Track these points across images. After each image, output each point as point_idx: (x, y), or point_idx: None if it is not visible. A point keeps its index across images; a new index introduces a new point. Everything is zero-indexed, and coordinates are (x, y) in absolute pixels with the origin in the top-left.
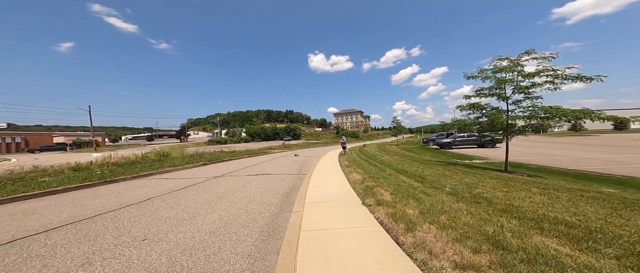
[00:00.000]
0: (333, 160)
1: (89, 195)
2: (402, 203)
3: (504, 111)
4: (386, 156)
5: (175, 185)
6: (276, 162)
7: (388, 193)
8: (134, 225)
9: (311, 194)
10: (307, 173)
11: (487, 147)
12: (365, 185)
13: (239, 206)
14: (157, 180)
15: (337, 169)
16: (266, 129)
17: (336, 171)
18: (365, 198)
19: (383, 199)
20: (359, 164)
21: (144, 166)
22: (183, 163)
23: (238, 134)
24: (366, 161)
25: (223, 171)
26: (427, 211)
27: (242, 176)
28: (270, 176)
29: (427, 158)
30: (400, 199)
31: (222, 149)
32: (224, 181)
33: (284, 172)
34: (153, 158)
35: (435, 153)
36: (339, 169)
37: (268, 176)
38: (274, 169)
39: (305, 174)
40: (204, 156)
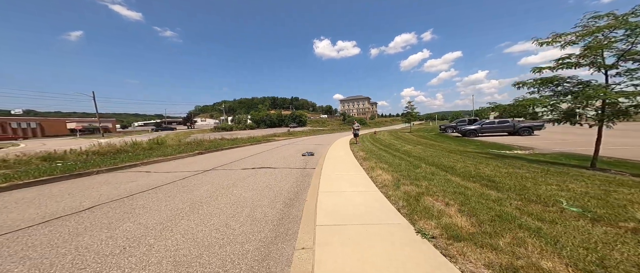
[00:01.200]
0: (344, 150)
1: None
2: (506, 237)
3: (598, 86)
4: (408, 145)
5: (147, 183)
6: (279, 151)
7: (455, 210)
8: None
9: (324, 205)
10: (316, 168)
11: (523, 135)
12: (403, 191)
13: (213, 226)
14: (134, 173)
15: (353, 163)
16: (271, 116)
17: (352, 166)
18: (416, 218)
19: (456, 224)
20: (379, 155)
21: (128, 156)
22: (175, 152)
23: (243, 121)
24: (385, 151)
25: (216, 163)
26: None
27: (236, 170)
28: (270, 171)
29: (454, 146)
30: (492, 225)
31: (223, 136)
32: (211, 177)
33: (287, 165)
34: (144, 147)
35: (459, 141)
36: (354, 163)
37: (267, 171)
38: (276, 161)
39: (313, 168)
40: (203, 144)
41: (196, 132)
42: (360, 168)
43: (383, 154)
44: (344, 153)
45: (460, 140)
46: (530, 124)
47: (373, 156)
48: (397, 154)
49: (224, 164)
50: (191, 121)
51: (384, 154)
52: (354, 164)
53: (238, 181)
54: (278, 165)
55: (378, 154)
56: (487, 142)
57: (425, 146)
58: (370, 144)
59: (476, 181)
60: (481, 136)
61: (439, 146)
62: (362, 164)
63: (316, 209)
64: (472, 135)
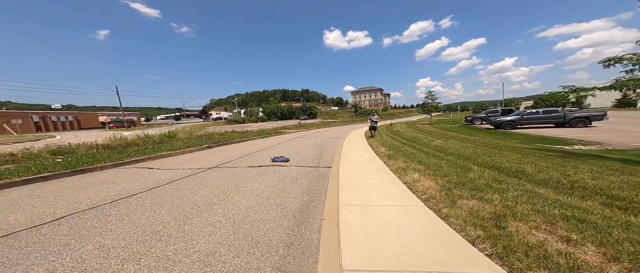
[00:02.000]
0: (361, 144)
1: None
2: None
3: None
4: (437, 140)
5: (143, 184)
6: (289, 146)
7: (594, 252)
8: None
9: (351, 230)
10: (332, 167)
11: (577, 127)
12: (467, 209)
13: (196, 255)
14: (137, 170)
15: (375, 161)
16: (282, 108)
17: (376, 166)
18: (520, 267)
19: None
20: (407, 153)
21: (136, 151)
22: (185, 146)
23: (255, 114)
24: (412, 146)
25: (222, 159)
26: None
27: (241, 168)
28: (278, 170)
29: (493, 140)
30: None
31: (234, 129)
32: (212, 177)
33: (297, 162)
34: (155, 140)
35: (494, 134)
36: (377, 161)
37: (276, 171)
38: (287, 156)
39: (329, 167)
40: (213, 137)
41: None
42: (386, 169)
43: (410, 150)
44: (361, 148)
45: (494, 133)
46: (588, 113)
47: (399, 154)
48: (428, 150)
49: (229, 161)
50: (206, 114)
51: (411, 150)
52: (377, 163)
53: (242, 182)
54: (289, 163)
55: (404, 150)
56: (530, 135)
57: (458, 140)
58: (390, 138)
59: (585, 196)
60: (520, 128)
61: (475, 141)
62: (388, 163)
63: (339, 238)
64: (509, 127)
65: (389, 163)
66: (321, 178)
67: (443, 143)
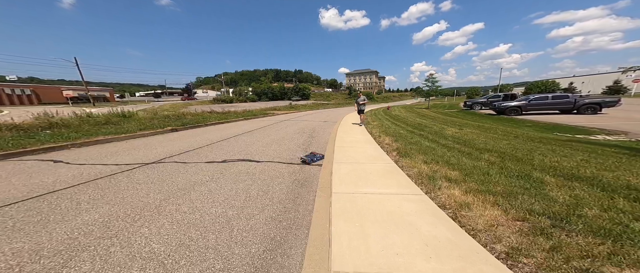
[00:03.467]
0: (358, 131)
1: None
2: None
3: None
4: (450, 128)
5: (8, 195)
6: (275, 130)
7: None
8: None
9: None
10: (323, 165)
11: (585, 113)
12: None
13: None
14: (33, 162)
15: (382, 160)
16: (274, 88)
17: (385, 169)
18: None
19: None
20: (421, 146)
21: (57, 135)
22: (138, 129)
23: (244, 94)
24: (423, 136)
25: (177, 149)
26: None
27: (194, 164)
28: (247, 169)
29: (505, 128)
30: None
31: (213, 109)
32: (136, 182)
33: (278, 154)
34: (99, 120)
35: (500, 120)
36: (385, 160)
37: (243, 169)
38: (265, 146)
39: (318, 165)
40: (183, 118)
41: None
42: (401, 174)
43: (424, 142)
44: (359, 137)
45: (499, 119)
46: (601, 100)
47: (411, 147)
48: (448, 143)
49: (188, 150)
50: (190, 92)
51: (425, 142)
52: (385, 162)
53: (180, 193)
54: (264, 156)
55: (416, 142)
56: (540, 122)
57: (472, 128)
58: (392, 125)
59: None
60: (526, 114)
61: (489, 128)
62: (401, 163)
63: None
64: (514, 113)
65: (402, 163)
66: (305, 185)
67: (459, 132)
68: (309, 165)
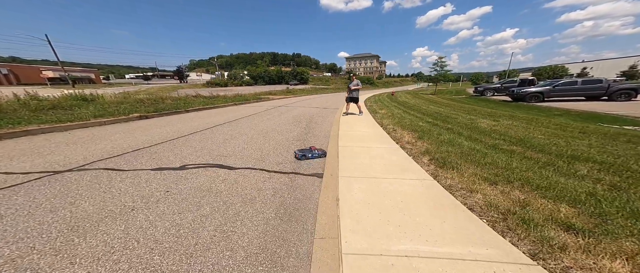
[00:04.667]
0: (365, 122)
1: None
2: None
3: None
4: (482, 119)
5: None
6: (265, 119)
7: None
8: None
9: None
10: (325, 173)
11: (618, 100)
12: None
13: None
14: None
15: (413, 172)
16: (270, 72)
17: (428, 194)
18: None
19: None
20: (461, 147)
21: None
22: (97, 115)
23: (240, 77)
24: (452, 130)
25: (124, 146)
26: None
27: (133, 174)
28: (211, 181)
29: (545, 119)
30: None
31: (199, 93)
32: (15, 207)
33: (261, 155)
34: (44, 105)
35: (521, 108)
36: (418, 173)
37: (206, 180)
38: (248, 141)
39: (316, 175)
40: (161, 103)
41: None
42: (453, 202)
43: (460, 140)
44: (367, 129)
45: (522, 107)
46: (637, 85)
47: (448, 149)
48: (495, 143)
49: (144, 147)
50: (182, 75)
51: (462, 141)
52: (416, 174)
53: (75, 234)
54: (242, 158)
55: (448, 140)
56: (571, 110)
57: (507, 118)
58: (403, 113)
59: None
60: (548, 101)
61: (526, 119)
62: (443, 177)
63: None
64: (534, 100)
65: (447, 179)
66: (295, 219)
67: (497, 125)
68: (303, 175)
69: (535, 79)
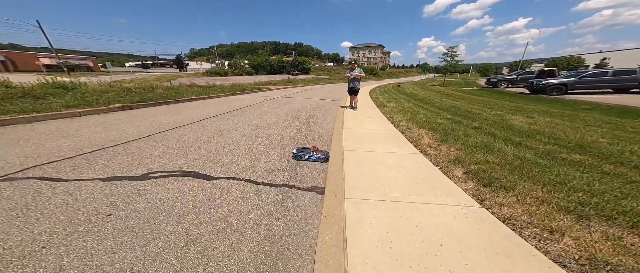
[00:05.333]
0: (372, 117)
1: None
2: None
3: None
4: (513, 116)
5: None
6: (261, 111)
7: None
8: None
9: None
10: (326, 194)
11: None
12: None
13: None
14: None
15: (448, 191)
16: (271, 62)
17: (482, 233)
18: None
19: None
20: (505, 156)
21: None
22: (69, 106)
23: (240, 67)
24: (478, 129)
25: (85, 144)
26: None
27: (74, 186)
28: (178, 194)
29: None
30: None
31: (193, 83)
32: None
33: (248, 162)
34: (17, 94)
35: (544, 102)
36: (453, 192)
37: (172, 195)
38: (237, 140)
39: (314, 190)
40: (150, 92)
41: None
42: (528, 250)
43: (499, 145)
44: (376, 126)
45: (544, 100)
46: None
47: (486, 157)
48: (548, 148)
49: (107, 146)
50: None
51: (502, 146)
52: (452, 196)
53: None
54: (224, 163)
55: (482, 144)
56: (601, 104)
57: (540, 115)
58: (415, 106)
59: None
60: (572, 93)
61: (562, 115)
62: (495, 203)
63: None
64: (556, 92)
65: (501, 206)
66: (286, 267)
67: (534, 124)
68: (299, 189)
69: (555, 70)
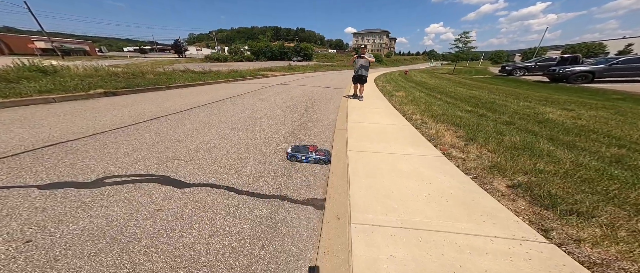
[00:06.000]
0: (379, 108)
1: None
2: None
3: None
4: (547, 108)
5: None
6: (257, 100)
7: None
8: None
9: None
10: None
11: None
12: None
13: None
14: None
15: (502, 224)
16: (272, 47)
17: None
18: None
19: None
20: (561, 166)
21: None
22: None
23: (240, 52)
24: (509, 124)
25: (45, 137)
26: None
27: (4, 196)
28: (141, 209)
29: (627, 105)
30: None
31: (188, 68)
32: None
33: (234, 163)
34: None
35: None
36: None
37: (133, 209)
38: (224, 133)
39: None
40: (140, 77)
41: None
42: None
43: (539, 145)
44: (385, 120)
45: (568, 89)
46: None
47: (531, 160)
48: (611, 151)
49: (75, 138)
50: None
51: (550, 149)
52: (501, 221)
53: None
54: (205, 165)
55: (522, 145)
56: (633, 94)
57: (578, 106)
58: (426, 96)
59: None
60: (599, 81)
61: (603, 107)
62: (562, 228)
63: None
64: (581, 80)
65: (571, 235)
66: None
67: (577, 117)
68: (293, 202)
69: (580, 57)
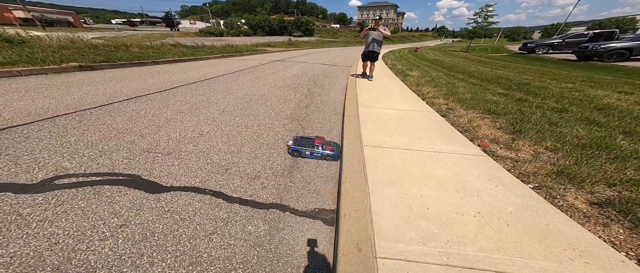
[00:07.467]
0: (392, 89)
1: None
2: None
3: None
4: (610, 94)
5: None
6: (252, 78)
7: None
8: None
9: None
10: None
11: None
12: None
13: None
14: None
15: None
16: (271, 21)
17: None
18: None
19: None
20: None
21: None
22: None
23: (237, 26)
24: (563, 113)
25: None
26: None
27: None
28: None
29: None
30: None
31: (178, 42)
32: None
33: (219, 162)
34: None
35: (601, 69)
36: None
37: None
38: (214, 117)
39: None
40: (122, 51)
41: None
42: None
43: (609, 141)
44: (403, 104)
45: (610, 69)
46: None
47: (611, 164)
48: None
49: (31, 121)
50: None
51: (621, 142)
52: (596, 260)
53: None
54: (191, 162)
55: (586, 140)
56: None
57: (629, 86)
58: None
59: None
60: (635, 59)
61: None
62: None
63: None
64: (616, 58)
65: None
66: None
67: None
68: (296, 215)
69: (617, 32)
